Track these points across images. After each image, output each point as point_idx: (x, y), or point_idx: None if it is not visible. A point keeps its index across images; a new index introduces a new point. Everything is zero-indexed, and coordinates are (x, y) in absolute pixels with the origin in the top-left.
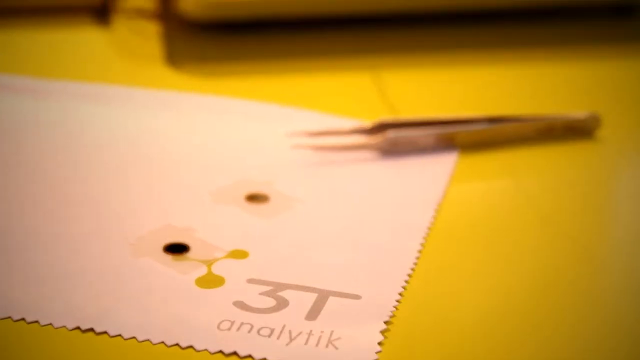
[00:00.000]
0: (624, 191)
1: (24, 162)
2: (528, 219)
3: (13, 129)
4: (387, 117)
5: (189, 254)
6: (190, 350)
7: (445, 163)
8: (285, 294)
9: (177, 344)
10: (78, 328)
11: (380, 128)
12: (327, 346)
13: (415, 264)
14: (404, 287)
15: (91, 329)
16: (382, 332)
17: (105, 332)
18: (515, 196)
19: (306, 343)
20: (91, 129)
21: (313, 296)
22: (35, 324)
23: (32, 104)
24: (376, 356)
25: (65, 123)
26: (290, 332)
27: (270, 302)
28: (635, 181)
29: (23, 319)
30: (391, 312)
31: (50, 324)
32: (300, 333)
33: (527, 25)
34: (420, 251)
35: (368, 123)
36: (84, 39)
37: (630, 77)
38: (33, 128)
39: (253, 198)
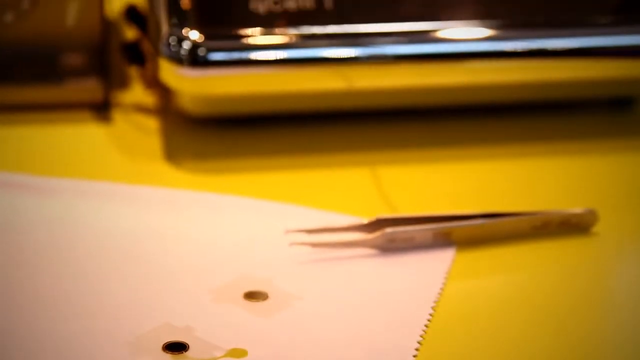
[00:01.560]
0: (621, 287)
1: (24, 260)
2: (525, 316)
3: (12, 226)
4: (384, 213)
5: (188, 353)
6: None
7: (442, 259)
8: None
9: None
10: None
11: (377, 224)
12: None
13: None
14: None
15: None
16: None
17: None
18: (512, 293)
19: None
20: (91, 226)
21: None
22: None
23: (32, 202)
24: None
25: (65, 221)
26: None
27: None
28: (631, 277)
29: None
30: None
31: None
32: None
33: (523, 119)
34: (417, 349)
35: (365, 219)
36: (84, 135)
37: (628, 172)
38: (32, 226)
39: (252, 296)
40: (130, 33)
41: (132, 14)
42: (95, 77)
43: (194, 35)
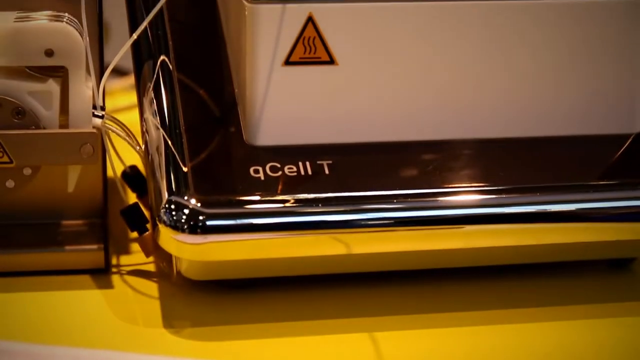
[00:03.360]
0: None
1: None
2: None
3: None
4: None
5: None
6: None
7: None
8: None
9: None
10: None
11: None
12: None
13: None
14: None
15: None
16: None
17: None
18: None
19: None
20: None
21: None
22: None
23: None
24: None
25: None
26: None
27: None
28: None
29: None
30: None
31: None
32: None
33: (520, 281)
34: None
35: None
36: (83, 300)
37: (627, 336)
38: None
39: None
40: (131, 195)
41: (132, 177)
42: (95, 243)
43: (193, 201)
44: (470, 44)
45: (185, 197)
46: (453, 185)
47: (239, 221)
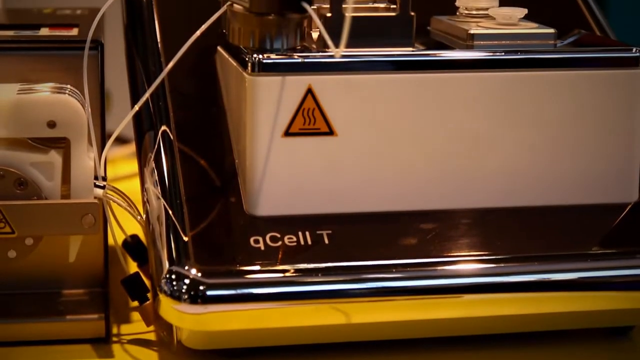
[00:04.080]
0: None
1: None
2: None
3: None
4: None
5: None
6: None
7: None
8: None
9: None
10: None
11: None
12: None
13: None
14: None
15: None
16: None
17: None
18: None
19: None
20: None
21: None
22: None
23: None
24: None
25: None
26: None
27: None
28: None
29: None
30: None
31: None
32: None
33: (520, 349)
34: None
35: None
36: None
37: None
38: None
39: None
40: (131, 264)
41: (133, 246)
42: (96, 312)
43: (194, 272)
44: (468, 115)
45: (186, 267)
46: (452, 254)
47: (239, 291)
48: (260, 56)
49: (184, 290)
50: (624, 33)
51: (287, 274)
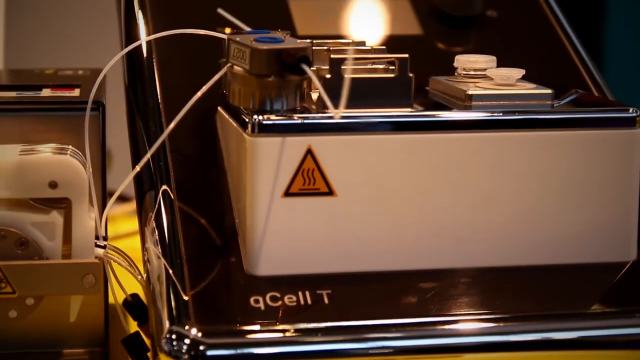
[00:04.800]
0: None
1: None
2: None
3: None
4: None
5: None
6: None
7: None
8: None
9: None
10: None
11: None
12: None
13: None
14: None
15: None
16: None
17: None
18: None
19: None
20: None
21: None
22: None
23: None
24: None
25: None
26: None
27: None
28: None
29: None
30: None
31: None
32: None
33: None
34: None
35: None
36: None
37: None
38: None
39: None
40: (132, 324)
41: (133, 305)
42: None
43: (194, 331)
44: (467, 175)
45: (186, 327)
46: (452, 314)
47: (239, 351)
48: (260, 117)
49: (184, 350)
50: (622, 93)
51: (287, 334)
